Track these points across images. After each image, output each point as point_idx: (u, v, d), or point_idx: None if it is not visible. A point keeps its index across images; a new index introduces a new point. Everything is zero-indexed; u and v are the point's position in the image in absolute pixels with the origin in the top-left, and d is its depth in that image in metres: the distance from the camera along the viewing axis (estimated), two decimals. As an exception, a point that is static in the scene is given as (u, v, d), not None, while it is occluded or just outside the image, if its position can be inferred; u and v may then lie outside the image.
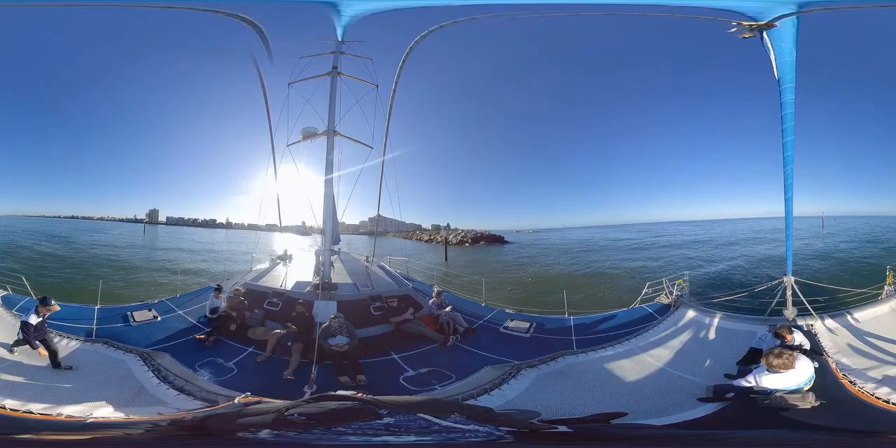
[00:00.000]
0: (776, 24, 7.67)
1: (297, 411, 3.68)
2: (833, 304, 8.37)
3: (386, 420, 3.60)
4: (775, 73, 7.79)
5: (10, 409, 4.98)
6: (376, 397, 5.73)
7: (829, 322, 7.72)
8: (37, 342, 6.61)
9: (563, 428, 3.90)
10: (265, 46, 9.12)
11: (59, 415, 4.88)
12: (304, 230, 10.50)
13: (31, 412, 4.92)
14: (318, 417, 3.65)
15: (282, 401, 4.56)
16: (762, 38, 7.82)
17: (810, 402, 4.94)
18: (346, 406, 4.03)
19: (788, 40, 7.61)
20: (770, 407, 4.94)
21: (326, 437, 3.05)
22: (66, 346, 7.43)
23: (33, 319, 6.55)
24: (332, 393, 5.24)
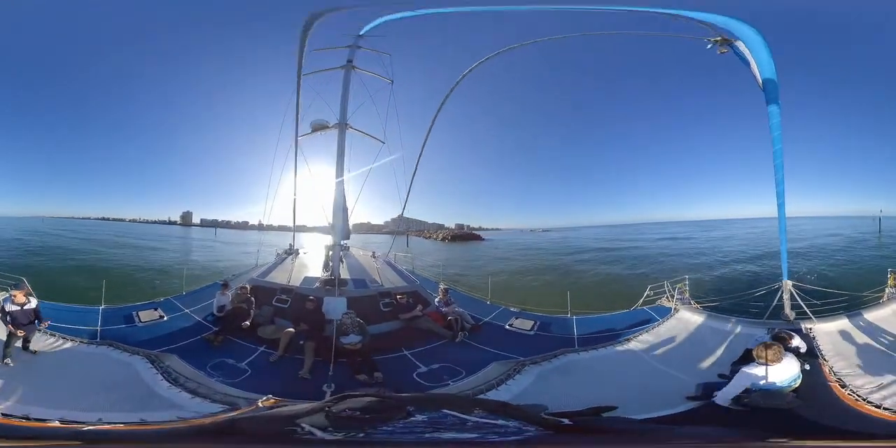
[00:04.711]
0: (737, 39, 7.77)
1: (331, 411, 3.66)
2: (833, 308, 8.29)
3: (419, 417, 3.60)
4: (759, 84, 7.85)
5: (6, 415, 4.72)
6: (399, 395, 5.73)
7: (829, 325, 7.64)
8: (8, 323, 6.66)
9: (564, 420, 3.94)
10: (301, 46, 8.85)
11: (68, 422, 4.72)
12: (329, 230, 10.42)
13: (29, 418, 4.73)
14: (352, 415, 3.64)
15: (308, 402, 4.52)
16: (735, 51, 8.00)
17: (789, 402, 4.81)
18: (373, 404, 4.02)
19: (762, 51, 7.70)
20: (750, 405, 4.86)
21: (374, 435, 3.04)
22: (69, 347, 7.23)
23: (9, 306, 6.72)
24: (354, 392, 5.23)
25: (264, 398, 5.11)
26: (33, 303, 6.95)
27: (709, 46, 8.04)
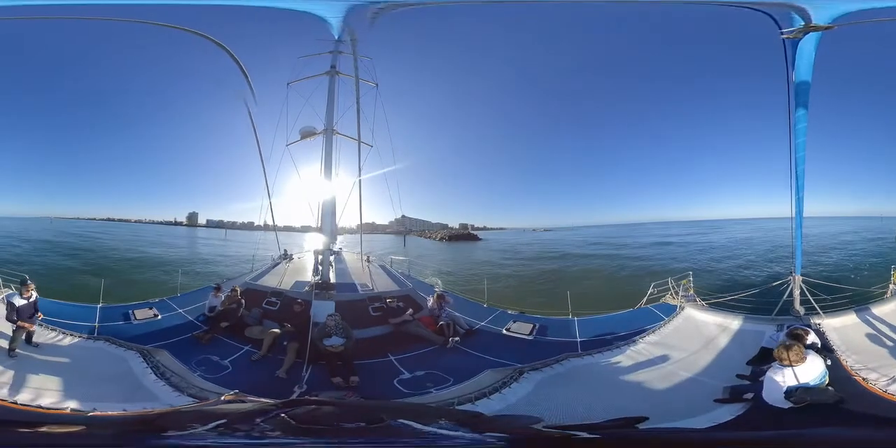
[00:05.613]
0: (834, 26, 7.58)
1: (275, 413, 3.58)
2: (840, 303, 8.26)
3: (362, 425, 3.47)
4: (792, 75, 7.66)
5: (21, 404, 5.06)
6: (359, 401, 5.59)
7: (837, 320, 7.62)
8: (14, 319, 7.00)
9: (582, 434, 3.63)
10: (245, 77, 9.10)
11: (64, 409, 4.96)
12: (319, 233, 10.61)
13: (41, 406, 5.00)
14: (296, 420, 3.54)
15: (265, 400, 4.48)
16: (797, 43, 7.71)
17: (831, 397, 4.82)
18: (327, 410, 3.91)
19: (811, 40, 7.50)
20: (796, 404, 4.71)
21: (286, 442, 2.94)
22: (68, 343, 7.54)
23: (17, 301, 7.16)
24: (309, 397, 5.17)
25: (229, 393, 5.18)
26: (34, 295, 7.45)
27: (793, 28, 7.53)
